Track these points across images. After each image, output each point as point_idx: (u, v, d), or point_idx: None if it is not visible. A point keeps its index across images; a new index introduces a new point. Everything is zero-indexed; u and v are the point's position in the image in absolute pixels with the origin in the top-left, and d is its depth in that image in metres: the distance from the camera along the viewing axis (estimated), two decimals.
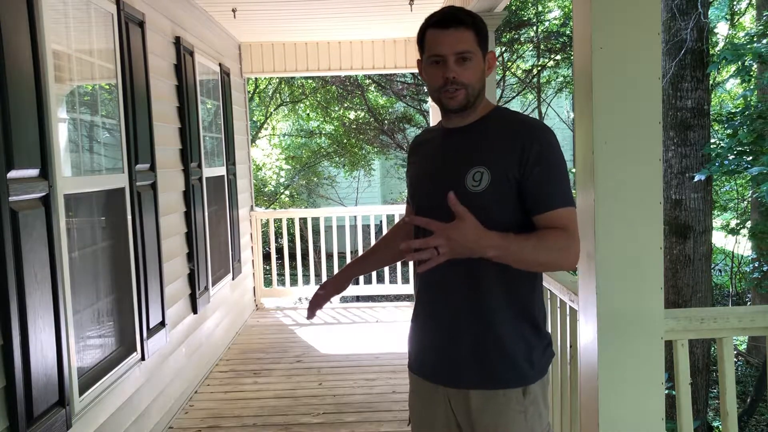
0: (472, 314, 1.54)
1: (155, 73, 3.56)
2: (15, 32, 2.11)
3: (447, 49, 1.49)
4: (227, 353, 4.95)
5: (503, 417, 1.52)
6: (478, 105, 1.56)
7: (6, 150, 2.02)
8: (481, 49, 1.53)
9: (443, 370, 1.59)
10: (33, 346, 2.13)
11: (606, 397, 1.87)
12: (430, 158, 1.65)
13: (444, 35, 1.50)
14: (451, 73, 1.49)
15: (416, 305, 1.68)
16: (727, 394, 2.08)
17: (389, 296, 8.65)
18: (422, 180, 1.66)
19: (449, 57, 1.49)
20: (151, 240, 3.30)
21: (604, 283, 1.86)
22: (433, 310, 1.61)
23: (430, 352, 1.63)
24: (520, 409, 1.52)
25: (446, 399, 1.59)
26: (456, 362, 1.56)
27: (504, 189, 1.48)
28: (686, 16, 6.51)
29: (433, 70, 1.53)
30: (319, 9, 4.90)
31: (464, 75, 1.50)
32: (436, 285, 1.58)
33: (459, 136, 1.58)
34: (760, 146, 6.22)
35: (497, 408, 1.52)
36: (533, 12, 10.89)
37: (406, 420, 1.93)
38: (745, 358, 9.27)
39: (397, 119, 11.88)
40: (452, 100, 1.52)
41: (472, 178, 1.49)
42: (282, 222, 8.19)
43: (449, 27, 1.49)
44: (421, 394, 1.66)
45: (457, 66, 1.49)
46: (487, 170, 1.48)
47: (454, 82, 1.49)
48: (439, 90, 1.53)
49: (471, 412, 1.54)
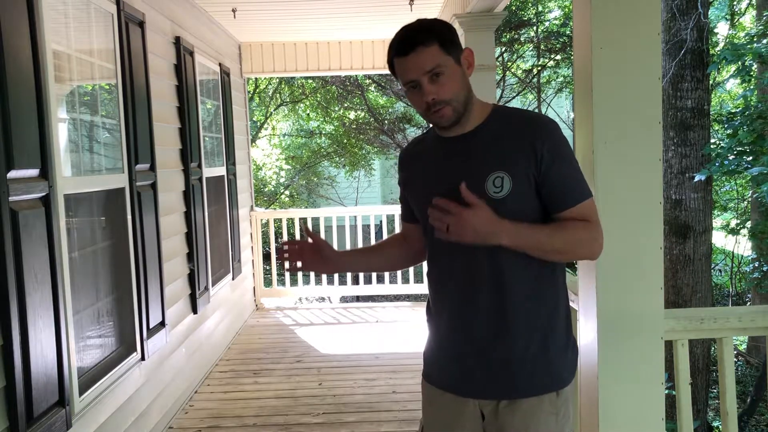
0: (503, 323, 1.50)
1: (155, 73, 3.56)
2: (15, 32, 2.11)
3: (415, 74, 1.45)
4: (227, 353, 4.95)
5: (535, 419, 1.49)
6: (471, 110, 1.52)
7: (6, 150, 2.02)
8: (452, 56, 1.47)
9: (476, 385, 1.53)
10: (33, 346, 2.13)
11: (606, 397, 1.87)
12: (435, 168, 1.58)
13: (407, 61, 1.46)
14: (429, 96, 1.45)
15: (435, 316, 1.62)
16: (727, 394, 2.08)
17: (389, 296, 8.64)
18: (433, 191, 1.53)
19: (421, 79, 1.45)
20: (151, 240, 3.30)
21: (604, 283, 1.86)
22: (458, 322, 1.54)
23: (457, 366, 1.56)
24: (552, 410, 1.50)
25: (477, 410, 1.54)
26: (490, 375, 1.51)
27: (525, 190, 1.46)
28: (686, 16, 6.51)
29: (413, 96, 1.50)
30: (319, 9, 4.90)
31: (442, 92, 1.45)
32: (459, 296, 1.53)
33: (464, 142, 1.53)
34: (760, 146, 6.21)
35: (528, 410, 1.50)
36: (533, 12, 10.89)
37: (406, 420, 1.92)
38: (745, 358, 9.27)
39: (397, 119, 11.88)
40: (442, 119, 1.49)
41: (492, 183, 1.45)
42: (282, 222, 8.18)
43: (408, 53, 1.45)
44: (444, 408, 1.59)
45: (432, 85, 1.45)
46: (507, 174, 1.45)
47: (436, 102, 1.46)
48: (425, 113, 1.50)
49: (500, 415, 1.51)
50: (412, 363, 4.29)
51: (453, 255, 1.52)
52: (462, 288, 1.53)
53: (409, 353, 4.58)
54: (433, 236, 1.52)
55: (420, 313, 5.86)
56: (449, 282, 1.56)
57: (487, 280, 1.49)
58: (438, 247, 1.55)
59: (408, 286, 6.52)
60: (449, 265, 1.55)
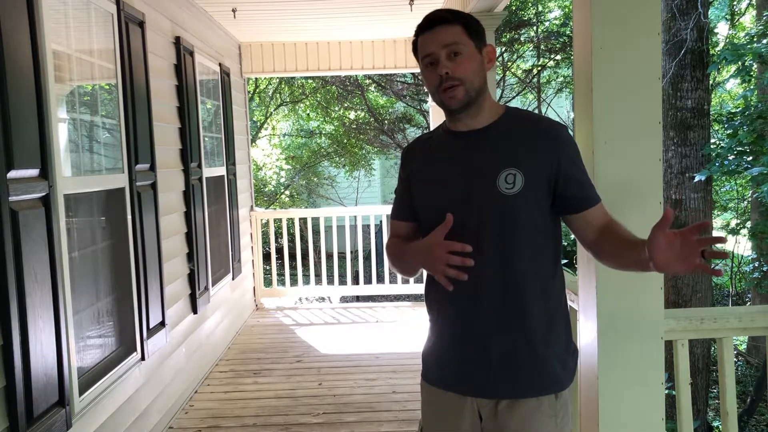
0: (505, 321, 1.50)
1: (155, 73, 3.56)
2: (15, 32, 2.11)
3: (435, 46, 1.48)
4: (227, 353, 4.95)
5: (534, 421, 1.49)
6: (483, 103, 1.53)
7: (6, 150, 2.02)
8: (474, 42, 1.50)
9: (474, 383, 1.54)
10: (33, 346, 2.13)
11: (606, 397, 1.87)
12: (446, 164, 1.56)
13: (431, 34, 1.49)
14: (443, 69, 1.47)
15: (437, 316, 1.62)
16: (727, 394, 2.08)
17: (389, 296, 8.65)
18: (442, 186, 1.55)
19: (439, 53, 1.47)
20: (151, 240, 3.30)
21: (604, 283, 1.86)
22: (460, 320, 1.54)
23: (456, 365, 1.56)
24: (551, 413, 1.50)
25: (475, 409, 1.54)
26: (489, 374, 1.52)
27: (536, 189, 1.46)
28: (686, 16, 6.51)
29: (429, 73, 1.51)
30: (319, 9, 4.90)
31: (458, 69, 1.47)
32: (464, 293, 1.51)
33: (477, 138, 1.53)
34: (760, 146, 6.22)
35: (527, 411, 1.50)
36: (533, 12, 10.89)
37: (406, 420, 1.92)
38: (745, 358, 9.27)
39: (397, 119, 11.88)
40: (452, 99, 1.49)
41: (504, 180, 1.46)
42: (282, 222, 8.19)
43: (434, 26, 1.49)
44: (443, 407, 1.60)
45: (449, 61, 1.47)
46: (519, 171, 1.46)
47: (449, 77, 1.47)
48: (437, 90, 1.50)
49: (499, 416, 1.51)
50: (412, 363, 4.29)
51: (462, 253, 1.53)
52: (468, 286, 1.50)
53: (409, 353, 4.58)
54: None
55: (420, 313, 5.86)
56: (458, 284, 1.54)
57: (491, 280, 1.49)
58: None
59: (408, 286, 6.52)
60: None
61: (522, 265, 1.48)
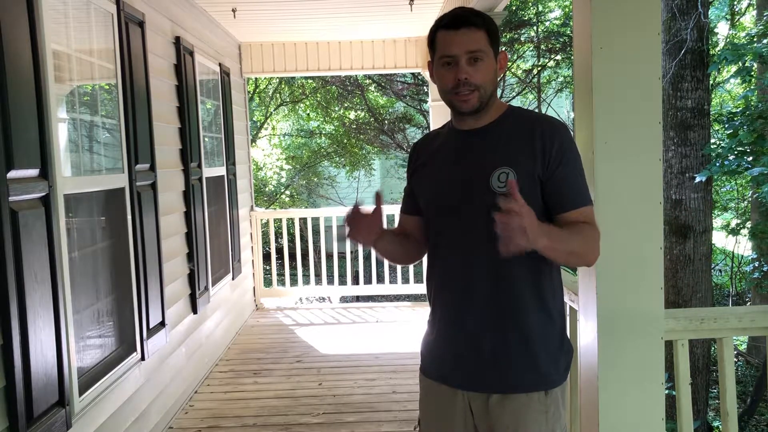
0: (498, 317, 1.52)
1: (155, 73, 3.56)
2: (15, 32, 2.11)
3: (458, 49, 1.48)
4: (227, 353, 4.95)
5: (524, 417, 1.50)
6: (491, 105, 1.55)
7: (6, 150, 2.02)
8: (493, 49, 1.51)
9: (466, 375, 1.56)
10: (33, 346, 2.13)
11: (606, 397, 1.87)
12: (446, 161, 1.60)
13: (455, 35, 1.48)
14: (463, 74, 1.47)
15: (434, 309, 1.65)
16: (727, 394, 2.08)
17: (389, 296, 8.64)
18: (441, 182, 1.59)
19: (461, 57, 1.48)
20: (151, 240, 3.30)
21: (604, 283, 1.85)
22: (454, 314, 1.57)
23: (450, 357, 1.59)
24: (542, 408, 1.51)
25: (466, 403, 1.56)
26: (480, 367, 1.53)
27: (529, 189, 1.46)
28: (686, 16, 6.51)
29: (445, 72, 1.51)
30: (319, 9, 4.90)
31: (476, 76, 1.48)
32: (457, 288, 1.55)
33: (477, 137, 1.56)
34: (760, 146, 6.22)
35: (519, 407, 1.51)
36: (533, 12, 10.89)
37: (406, 420, 1.92)
38: (745, 358, 9.27)
39: (397, 119, 11.88)
40: (465, 104, 1.50)
41: (497, 178, 1.48)
42: (282, 222, 8.19)
43: (460, 27, 1.48)
44: (437, 398, 1.62)
45: (469, 66, 1.48)
46: (512, 171, 1.47)
47: (467, 83, 1.48)
48: (450, 92, 1.51)
49: (491, 412, 1.53)
50: (412, 363, 4.29)
51: (456, 249, 1.56)
52: (461, 281, 1.54)
53: (409, 353, 4.58)
54: (436, 228, 1.59)
55: (420, 313, 5.86)
56: (450, 275, 1.58)
57: (487, 275, 1.51)
58: (441, 239, 1.60)
59: (408, 286, 6.52)
60: (452, 259, 1.57)
61: (515, 263, 1.46)
